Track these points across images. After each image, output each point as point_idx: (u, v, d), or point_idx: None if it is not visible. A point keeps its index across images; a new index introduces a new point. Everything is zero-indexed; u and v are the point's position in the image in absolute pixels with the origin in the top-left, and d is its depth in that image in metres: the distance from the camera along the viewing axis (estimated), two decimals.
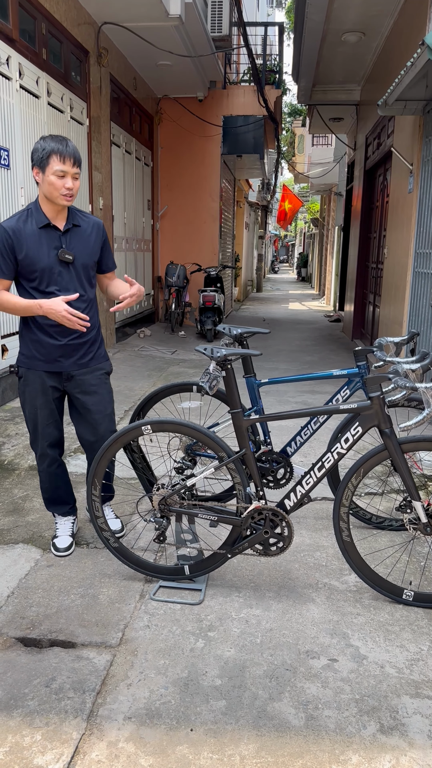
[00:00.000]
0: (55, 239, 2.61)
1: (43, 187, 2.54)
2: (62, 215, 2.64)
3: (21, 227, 2.57)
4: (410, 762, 1.80)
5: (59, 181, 2.50)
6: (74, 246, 2.65)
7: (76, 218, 2.69)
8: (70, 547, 2.91)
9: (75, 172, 2.54)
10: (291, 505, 2.57)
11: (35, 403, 2.74)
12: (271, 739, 1.87)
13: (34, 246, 2.57)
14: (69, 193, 2.54)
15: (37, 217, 2.60)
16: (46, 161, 2.49)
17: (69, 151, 2.50)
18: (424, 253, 5.35)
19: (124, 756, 1.80)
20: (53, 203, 2.57)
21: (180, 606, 2.52)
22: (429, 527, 2.41)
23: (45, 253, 2.58)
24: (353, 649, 2.27)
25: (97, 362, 2.81)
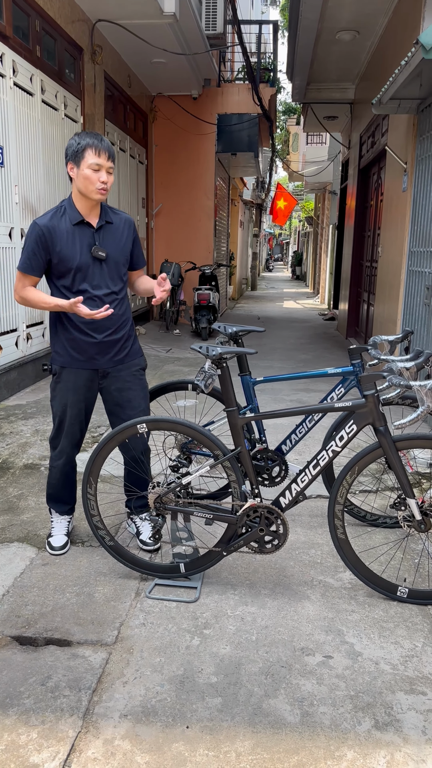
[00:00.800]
0: (88, 236, 2.62)
1: (77, 182, 2.56)
2: (95, 212, 2.65)
3: (55, 225, 2.58)
4: (405, 757, 1.81)
5: (94, 174, 2.51)
6: (107, 243, 2.66)
7: (109, 215, 2.70)
8: (65, 546, 2.91)
9: (109, 167, 2.55)
10: (286, 503, 2.58)
11: (65, 401, 2.75)
12: (266, 736, 1.88)
13: (68, 243, 2.58)
14: (104, 187, 2.55)
15: (71, 213, 2.60)
16: (81, 155, 2.51)
17: (104, 146, 2.52)
18: (418, 252, 5.37)
19: (120, 753, 1.81)
20: (87, 199, 2.58)
21: (176, 604, 2.52)
22: (423, 524, 2.43)
23: (78, 251, 2.59)
24: (348, 646, 2.28)
25: (132, 358, 2.83)
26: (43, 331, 6.26)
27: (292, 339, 10.06)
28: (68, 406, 2.75)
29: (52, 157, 6.28)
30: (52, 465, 2.89)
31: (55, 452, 2.86)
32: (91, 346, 2.69)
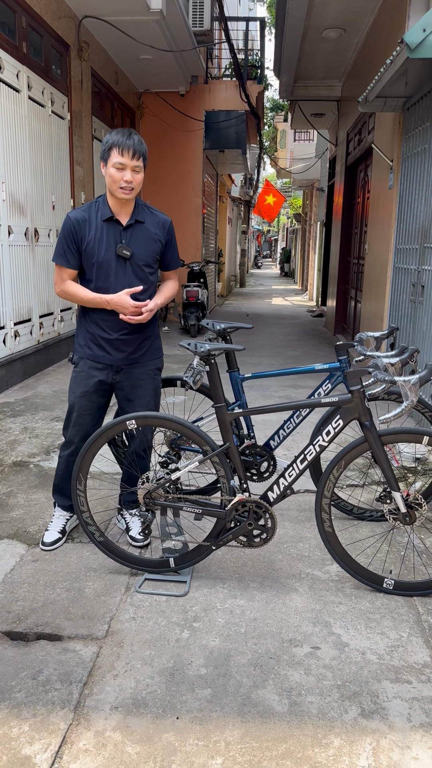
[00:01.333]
0: (116, 233, 2.64)
1: (106, 180, 2.59)
2: (127, 210, 2.66)
3: (86, 218, 2.63)
4: (390, 744, 1.85)
5: (118, 173, 2.54)
6: (134, 242, 2.67)
7: (142, 214, 2.70)
8: (55, 543, 2.93)
9: (135, 165, 2.55)
10: (274, 497, 2.62)
11: (76, 391, 2.81)
12: (255, 725, 1.91)
13: (95, 237, 2.62)
14: (128, 186, 2.56)
15: (102, 209, 2.65)
16: (107, 154, 2.54)
17: (129, 144, 2.52)
18: (404, 249, 5.42)
19: (111, 744, 1.83)
20: (115, 196, 2.60)
21: (165, 598, 2.55)
22: (408, 517, 2.47)
23: (104, 246, 2.63)
24: (335, 637, 2.32)
25: (149, 357, 2.85)
26: (31, 328, 6.26)
27: (281, 336, 10.10)
28: (78, 396, 2.80)
29: (40, 154, 6.27)
30: (61, 454, 2.94)
31: (65, 442, 2.91)
32: (106, 342, 2.73)
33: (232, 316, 13.12)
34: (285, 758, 1.79)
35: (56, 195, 6.78)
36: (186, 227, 10.99)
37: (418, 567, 2.79)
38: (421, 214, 4.93)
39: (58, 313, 6.99)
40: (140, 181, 2.60)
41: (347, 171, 9.11)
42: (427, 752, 1.82)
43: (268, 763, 1.78)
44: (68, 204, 7.20)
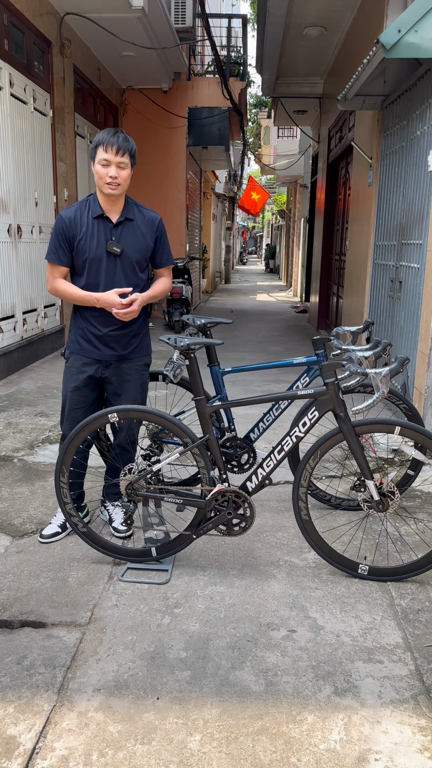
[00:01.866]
0: (106, 230, 2.71)
1: (95, 178, 2.67)
2: (117, 207, 2.73)
3: (78, 216, 2.70)
4: (361, 719, 1.94)
5: (103, 170, 2.61)
6: (124, 239, 2.74)
7: (132, 212, 2.77)
8: (52, 536, 2.97)
9: (119, 162, 2.62)
10: (253, 487, 2.69)
11: (69, 386, 2.88)
12: (232, 704, 1.99)
13: (87, 235, 2.69)
14: (114, 182, 2.63)
15: (93, 207, 2.72)
16: (94, 152, 2.62)
17: (113, 141, 2.59)
18: (382, 246, 5.52)
19: (93, 724, 1.90)
20: (103, 193, 2.67)
21: (147, 586, 2.62)
22: (381, 505, 2.56)
23: (95, 243, 2.69)
24: (311, 621, 2.40)
25: (138, 354, 2.91)
26: (14, 324, 6.28)
27: (265, 331, 10.19)
28: (69, 390, 2.87)
29: (22, 151, 6.28)
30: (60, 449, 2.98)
31: (62, 436, 2.98)
32: (96, 338, 2.80)
33: (216, 312, 13.19)
34: (260, 734, 1.87)
35: (39, 191, 6.80)
36: (170, 223, 11.02)
37: (392, 553, 2.88)
38: (398, 211, 5.03)
39: (42, 310, 7.01)
40: (126, 178, 2.66)
41: (329, 168, 9.21)
42: (396, 726, 1.91)
43: (245, 738, 1.86)
44: (51, 200, 7.22)
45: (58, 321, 7.59)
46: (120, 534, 2.98)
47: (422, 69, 4.56)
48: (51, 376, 6.23)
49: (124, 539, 2.97)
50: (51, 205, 7.20)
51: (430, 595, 2.56)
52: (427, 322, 4.03)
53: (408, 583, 2.64)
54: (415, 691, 2.06)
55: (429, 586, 2.62)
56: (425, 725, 1.92)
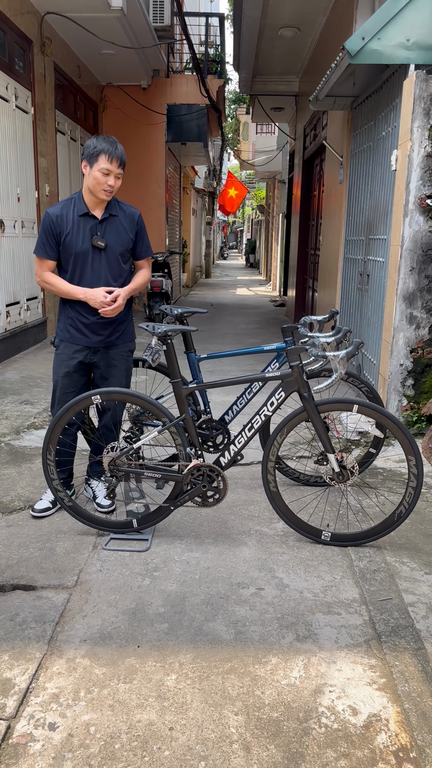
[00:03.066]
0: (92, 226, 2.94)
1: (88, 180, 2.88)
2: (101, 206, 2.96)
3: (64, 213, 2.91)
4: (319, 660, 2.19)
5: (103, 177, 2.84)
6: (108, 234, 2.97)
7: (114, 209, 3.01)
8: (45, 510, 3.18)
9: (118, 173, 2.88)
10: (225, 462, 2.94)
11: (59, 372, 3.08)
12: (205, 650, 2.23)
13: (73, 231, 2.90)
14: (110, 190, 2.88)
15: (78, 205, 2.93)
16: (95, 158, 2.83)
17: (117, 154, 2.84)
18: (352, 240, 5.78)
19: (80, 668, 2.13)
20: (94, 196, 2.88)
21: (129, 553, 2.85)
22: (341, 476, 2.82)
23: (81, 239, 2.91)
24: (278, 580, 2.65)
25: (124, 340, 3.14)
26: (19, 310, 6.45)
27: (243, 324, 10.43)
28: (60, 376, 3.08)
29: (4, 148, 6.43)
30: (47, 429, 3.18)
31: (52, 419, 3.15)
32: (85, 326, 3.02)
33: (196, 305, 13.38)
34: (230, 673, 2.12)
35: (21, 187, 6.96)
36: (149, 218, 11.20)
37: (353, 523, 3.15)
38: (367, 207, 5.29)
39: (25, 303, 7.17)
40: (119, 186, 2.92)
41: (304, 164, 9.46)
42: (350, 665, 2.17)
43: (216, 677, 2.10)
44: (33, 196, 7.37)
45: (40, 314, 7.76)
46: (103, 509, 3.20)
47: (388, 72, 4.82)
48: (34, 366, 6.41)
49: (108, 514, 3.20)
50: (33, 200, 7.35)
51: (386, 558, 2.83)
52: (389, 313, 4.30)
53: (366, 548, 2.90)
54: (368, 637, 2.32)
55: (385, 550, 2.89)
56: (375, 664, 2.18)
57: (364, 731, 1.88)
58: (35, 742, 1.83)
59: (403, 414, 4.33)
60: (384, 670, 2.14)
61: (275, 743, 1.83)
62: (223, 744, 1.83)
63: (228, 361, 6.85)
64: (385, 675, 2.12)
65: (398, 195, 4.22)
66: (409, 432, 2.69)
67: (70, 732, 1.86)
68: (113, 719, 1.91)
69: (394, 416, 2.71)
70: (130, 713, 1.94)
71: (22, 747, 1.81)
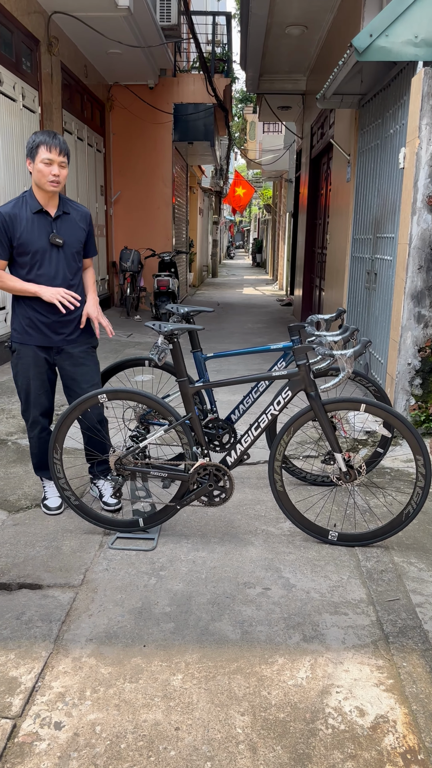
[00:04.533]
0: (47, 224, 2.90)
1: (34, 175, 2.84)
2: (53, 202, 2.92)
3: (17, 212, 2.85)
4: (326, 660, 2.18)
5: (46, 168, 2.80)
6: (63, 231, 2.94)
7: (67, 206, 2.98)
8: (60, 506, 3.19)
9: (61, 161, 2.82)
10: (232, 461, 2.92)
11: (28, 375, 3.02)
12: (211, 650, 2.22)
13: (27, 230, 2.86)
14: (56, 180, 2.83)
15: (31, 203, 2.88)
16: (35, 151, 2.80)
17: (55, 142, 2.80)
18: (360, 239, 5.76)
19: (86, 667, 2.13)
20: (43, 190, 2.85)
21: (135, 552, 2.85)
22: (348, 475, 2.80)
23: (37, 237, 2.87)
24: (284, 580, 2.64)
25: (86, 337, 3.10)
26: (6, 316, 6.46)
27: (250, 324, 10.41)
28: (31, 378, 3.02)
29: (12, 148, 6.44)
30: (30, 436, 3.16)
31: (29, 424, 3.13)
32: (45, 325, 2.96)
33: (203, 304, 13.38)
34: (236, 673, 2.11)
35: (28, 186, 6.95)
36: (156, 218, 11.21)
37: (360, 522, 3.13)
38: (374, 205, 5.27)
39: None
40: (65, 176, 2.88)
41: (311, 163, 9.43)
42: (357, 666, 2.16)
43: (222, 677, 2.09)
44: None
45: None
46: (110, 508, 3.20)
47: (396, 69, 4.79)
48: None
49: (114, 512, 3.19)
50: None
51: (393, 558, 2.81)
52: (397, 312, 4.27)
53: (374, 548, 2.89)
54: (375, 637, 2.30)
55: (393, 551, 2.87)
56: (382, 665, 2.16)
57: (371, 732, 1.87)
58: (41, 741, 1.82)
59: (411, 413, 4.31)
60: (391, 671, 2.12)
61: (282, 744, 1.82)
62: (229, 744, 1.82)
63: (234, 360, 6.84)
64: (393, 676, 2.10)
65: (406, 193, 4.19)
66: (417, 431, 2.67)
67: (75, 731, 1.86)
68: (119, 719, 1.91)
69: (402, 415, 2.70)
70: (136, 713, 1.93)
71: (27, 746, 1.81)
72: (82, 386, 3.09)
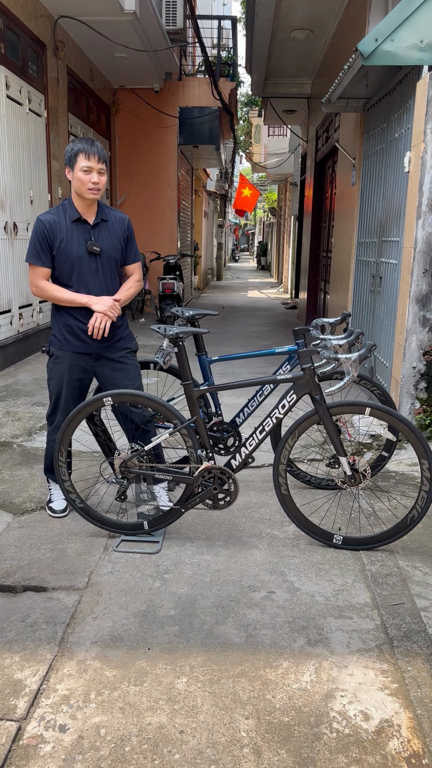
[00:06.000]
0: (85, 232, 2.90)
1: (73, 184, 2.85)
2: (92, 210, 2.93)
3: (56, 220, 2.87)
4: (330, 665, 2.18)
5: (86, 176, 2.81)
6: (102, 239, 2.94)
7: (105, 213, 2.98)
8: (65, 509, 3.20)
9: (100, 168, 2.83)
10: (236, 465, 2.93)
11: (61, 381, 3.03)
12: (216, 653, 2.22)
13: (67, 238, 2.87)
14: (95, 188, 2.84)
15: (70, 211, 2.90)
16: (74, 160, 2.81)
17: (94, 150, 2.80)
18: (364, 243, 5.76)
19: (91, 670, 2.13)
20: (83, 198, 2.86)
21: (140, 555, 2.85)
22: (353, 479, 2.80)
23: (76, 245, 2.88)
24: (289, 584, 2.64)
25: (124, 343, 3.10)
26: (11, 319, 6.48)
27: (254, 326, 10.42)
28: (64, 385, 3.03)
29: (18, 152, 6.48)
30: (49, 439, 3.17)
31: (52, 427, 3.14)
32: (83, 332, 2.97)
33: (208, 307, 13.39)
34: (240, 677, 2.11)
35: (34, 190, 7.00)
36: (161, 221, 11.23)
37: (365, 526, 3.12)
38: (379, 209, 5.27)
39: (37, 305, 7.21)
40: (104, 183, 2.89)
41: (316, 167, 9.44)
42: (361, 670, 2.15)
43: (226, 680, 2.09)
44: (46, 198, 7.41)
45: None
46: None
47: (401, 74, 4.80)
48: None
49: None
50: (46, 202, 7.40)
51: (398, 562, 2.81)
52: (402, 315, 4.27)
53: (378, 552, 2.88)
54: (380, 641, 2.30)
55: (398, 555, 2.87)
56: (387, 669, 2.16)
57: (375, 737, 1.86)
58: (46, 743, 1.83)
59: (416, 417, 4.30)
60: (396, 676, 2.12)
61: (286, 748, 1.82)
62: (233, 748, 1.82)
63: (239, 363, 6.84)
64: (397, 680, 2.10)
65: (411, 197, 4.20)
66: (422, 435, 2.67)
67: (80, 734, 1.86)
68: (123, 722, 1.91)
69: (407, 419, 2.69)
70: (140, 716, 1.93)
71: (32, 748, 1.81)
72: None
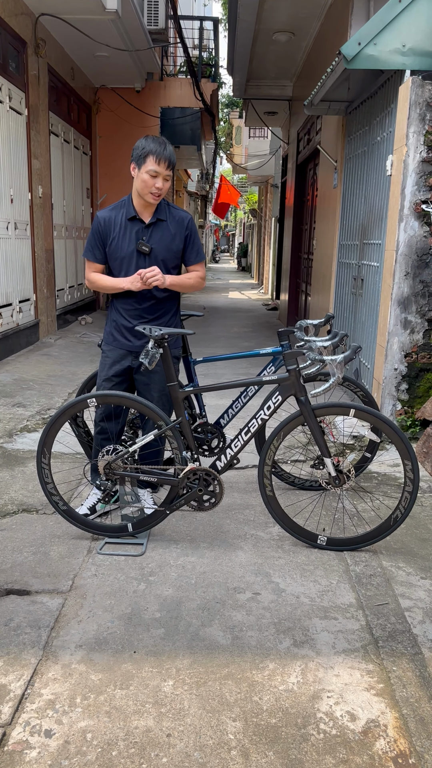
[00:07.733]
0: (138, 231, 2.90)
1: (136, 182, 2.83)
2: (150, 209, 2.92)
3: (113, 217, 2.89)
4: (316, 665, 2.18)
5: (151, 180, 2.79)
6: (155, 239, 2.92)
7: (163, 213, 2.94)
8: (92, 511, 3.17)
9: (167, 174, 2.81)
10: (222, 466, 2.92)
11: (103, 374, 3.10)
12: (202, 655, 2.22)
13: (120, 235, 2.87)
14: (158, 193, 2.82)
15: (128, 208, 2.90)
16: (143, 160, 2.78)
17: (165, 155, 2.77)
18: (346, 245, 5.80)
19: (76, 674, 2.11)
20: (142, 199, 2.84)
21: (124, 558, 2.83)
22: (337, 480, 2.81)
23: (127, 243, 2.88)
24: (274, 585, 2.64)
25: (171, 347, 3.07)
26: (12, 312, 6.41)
27: (236, 328, 10.43)
28: (104, 379, 3.09)
29: None
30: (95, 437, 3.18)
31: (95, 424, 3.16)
32: (127, 330, 3.01)
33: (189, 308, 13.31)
34: (227, 679, 2.10)
35: (14, 188, 6.92)
36: None
37: (349, 527, 3.14)
38: (361, 212, 5.31)
39: (17, 305, 7.13)
40: (168, 189, 2.87)
41: (298, 169, 9.48)
42: (347, 671, 2.16)
43: (213, 683, 2.08)
44: (26, 197, 7.34)
45: (32, 316, 7.72)
46: None
47: (383, 78, 4.84)
48: (27, 369, 6.37)
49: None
50: (26, 201, 7.32)
51: (382, 563, 2.83)
52: (384, 318, 4.31)
53: (362, 552, 2.90)
54: (365, 642, 2.31)
55: (381, 555, 2.89)
56: (372, 669, 2.17)
57: (362, 737, 1.87)
58: (31, 749, 1.80)
59: (398, 418, 4.34)
60: (381, 676, 2.13)
61: (274, 749, 1.82)
62: (221, 750, 1.81)
63: (221, 364, 6.85)
64: (383, 680, 2.11)
65: (393, 200, 4.23)
66: (405, 436, 2.69)
67: (66, 739, 1.84)
68: (110, 726, 1.89)
69: (390, 420, 2.72)
70: (127, 720, 1.92)
71: (18, 754, 1.79)
72: (152, 393, 3.10)
